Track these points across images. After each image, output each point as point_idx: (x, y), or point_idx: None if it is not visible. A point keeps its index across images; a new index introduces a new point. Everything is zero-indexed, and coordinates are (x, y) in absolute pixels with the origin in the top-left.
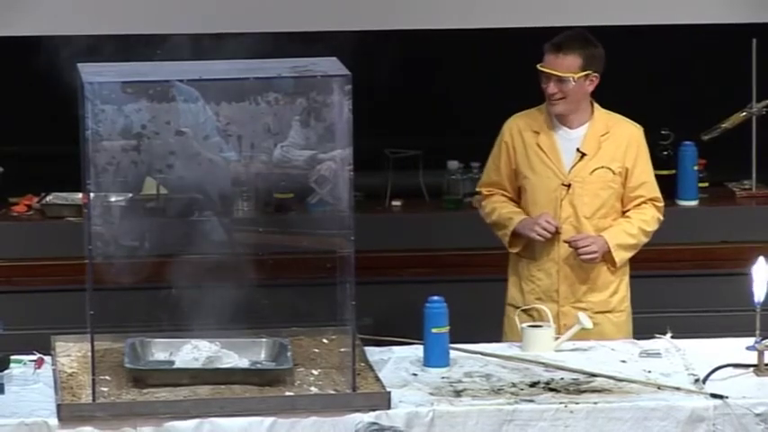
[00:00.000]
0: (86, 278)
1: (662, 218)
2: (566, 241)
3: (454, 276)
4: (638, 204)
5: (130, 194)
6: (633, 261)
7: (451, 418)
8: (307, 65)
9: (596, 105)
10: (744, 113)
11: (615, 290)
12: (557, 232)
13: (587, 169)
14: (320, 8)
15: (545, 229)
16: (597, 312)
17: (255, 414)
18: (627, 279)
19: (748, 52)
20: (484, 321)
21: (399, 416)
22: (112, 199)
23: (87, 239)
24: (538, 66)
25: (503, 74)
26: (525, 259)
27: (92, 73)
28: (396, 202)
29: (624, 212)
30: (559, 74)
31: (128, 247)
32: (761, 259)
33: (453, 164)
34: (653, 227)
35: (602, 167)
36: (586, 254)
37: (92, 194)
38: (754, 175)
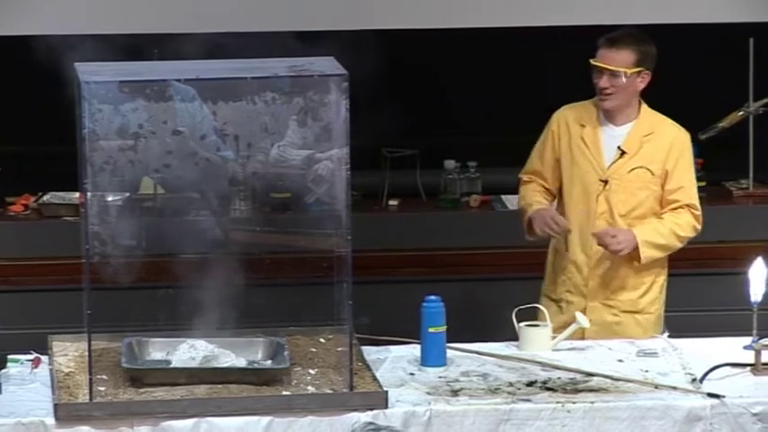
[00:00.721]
0: (83, 278)
1: (699, 227)
2: (593, 234)
3: (451, 276)
4: (675, 209)
5: (127, 194)
6: None
7: (448, 418)
8: (304, 64)
9: (644, 105)
10: (741, 113)
11: (646, 291)
12: (566, 232)
13: (626, 167)
14: (317, 7)
15: (551, 229)
16: (624, 312)
17: (252, 413)
18: (661, 282)
19: (746, 52)
20: (481, 321)
21: (396, 415)
22: (109, 198)
23: (84, 239)
24: (591, 60)
25: (501, 73)
26: (561, 252)
27: (89, 72)
28: (393, 202)
29: (660, 215)
30: (612, 68)
31: (125, 247)
32: (758, 259)
33: (450, 163)
34: (687, 233)
35: (641, 167)
36: (614, 245)
37: (89, 194)
38: (751, 175)
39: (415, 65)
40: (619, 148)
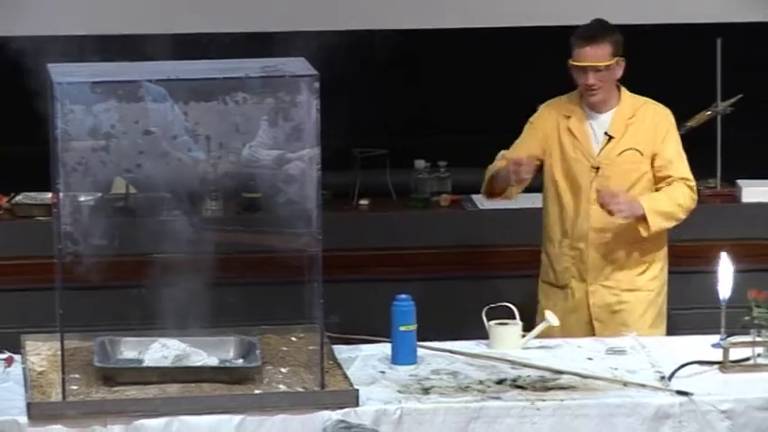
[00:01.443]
0: (56, 277)
1: (695, 197)
2: (597, 190)
3: (422, 275)
4: (670, 183)
5: (100, 194)
6: None
7: (419, 416)
8: (275, 65)
9: (624, 89)
10: (709, 112)
11: (644, 270)
12: (520, 164)
13: (615, 151)
14: (287, 9)
15: (512, 171)
16: (625, 290)
17: (224, 412)
18: (661, 263)
19: (713, 52)
20: (451, 319)
21: (367, 413)
22: (82, 198)
23: (57, 239)
24: (571, 61)
25: (470, 74)
26: (557, 240)
27: (61, 73)
28: (363, 201)
29: (656, 189)
30: (597, 64)
31: (97, 246)
32: (723, 255)
33: (420, 163)
34: (688, 203)
35: (630, 149)
36: (615, 205)
37: (61, 194)
38: (718, 174)
39: (386, 66)
40: (606, 133)
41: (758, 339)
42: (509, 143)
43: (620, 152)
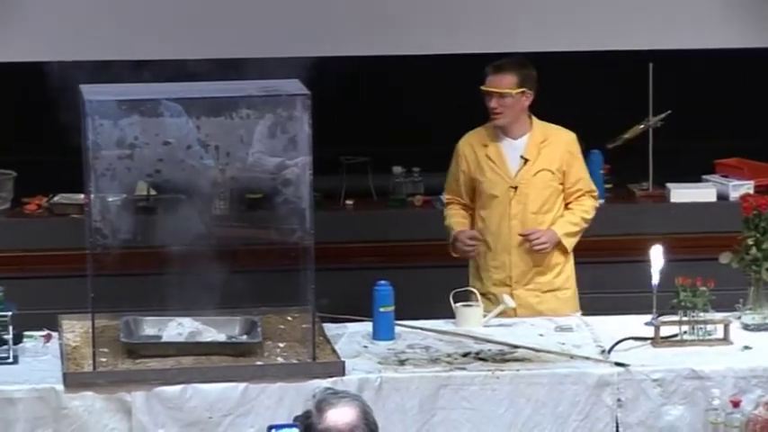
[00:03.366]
0: (87, 266)
1: (597, 205)
2: (520, 234)
3: (399, 263)
4: (578, 197)
5: (125, 195)
6: None
7: (396, 383)
8: (274, 85)
9: (534, 118)
10: (642, 126)
11: (560, 271)
12: (477, 242)
13: (531, 172)
14: (286, 37)
15: (468, 246)
16: (545, 291)
17: (231, 380)
18: (571, 261)
19: (646, 74)
20: (424, 301)
21: (352, 381)
22: (110, 199)
23: (88, 233)
24: (481, 87)
25: (441, 93)
26: (482, 252)
27: (92, 92)
28: (349, 201)
29: (567, 204)
30: (499, 90)
31: (123, 240)
32: (655, 247)
33: (397, 169)
34: (592, 214)
35: (544, 170)
36: (538, 245)
37: (92, 195)
38: (650, 178)
39: (369, 85)
40: (522, 156)
41: (684, 319)
42: None
43: (536, 173)
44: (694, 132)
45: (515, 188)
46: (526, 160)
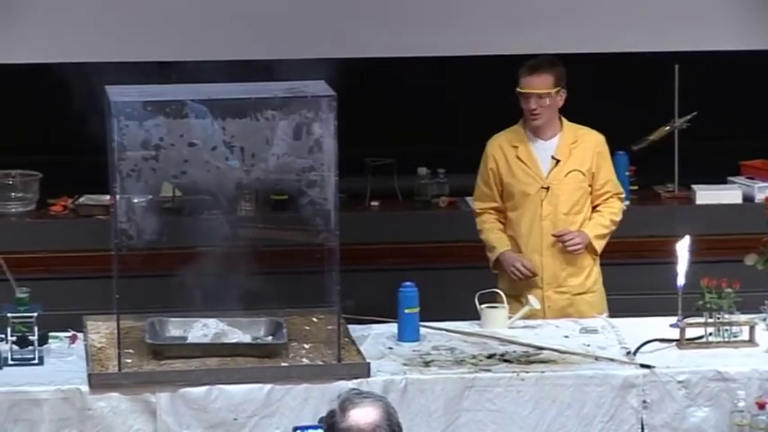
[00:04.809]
0: (113, 267)
1: (624, 207)
2: (554, 235)
3: (424, 265)
4: (606, 199)
5: (150, 196)
6: None
7: (421, 385)
8: (299, 87)
9: (564, 119)
10: (668, 127)
11: (589, 273)
12: (533, 275)
13: (562, 173)
14: (309, 39)
15: (520, 272)
16: (576, 294)
17: (256, 382)
18: (598, 263)
19: (672, 75)
20: (449, 302)
21: (377, 383)
22: (135, 200)
23: (114, 234)
24: (518, 89)
25: (468, 94)
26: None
27: (117, 94)
28: (374, 203)
29: (594, 207)
30: (539, 91)
31: (148, 241)
32: (683, 242)
33: (423, 170)
34: (620, 216)
35: (575, 170)
36: (572, 246)
37: (117, 196)
38: (676, 179)
39: (395, 87)
40: (553, 157)
41: (709, 321)
42: None
43: (567, 173)
44: (720, 134)
45: (547, 189)
46: (557, 161)
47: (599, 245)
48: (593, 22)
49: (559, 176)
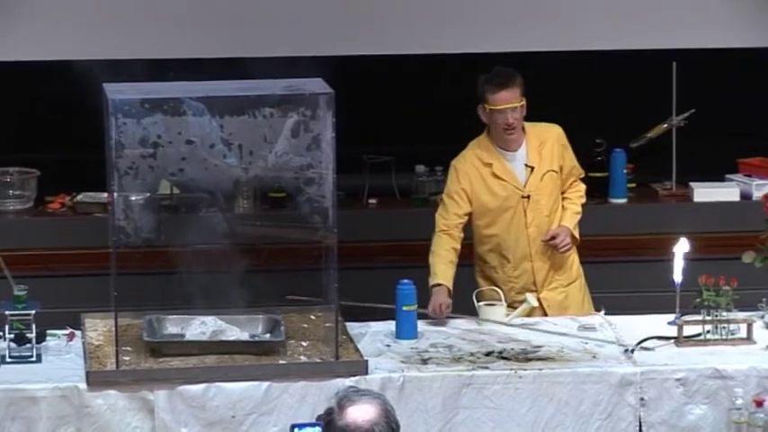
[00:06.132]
0: (110, 265)
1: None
2: (543, 241)
3: (422, 263)
4: (571, 183)
5: (148, 194)
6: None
7: (419, 383)
8: (297, 84)
9: (523, 122)
10: (666, 125)
11: (571, 262)
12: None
13: (538, 178)
14: (307, 36)
15: (435, 311)
16: (567, 285)
17: (254, 379)
18: (574, 249)
19: (670, 73)
20: None
21: (375, 380)
22: (132, 198)
23: (111, 232)
24: (493, 106)
25: (465, 92)
26: (498, 266)
27: (115, 91)
28: (372, 200)
29: (563, 193)
30: (513, 105)
31: (146, 239)
32: (678, 247)
33: (420, 168)
34: (584, 198)
35: (548, 171)
36: (564, 247)
37: (115, 194)
38: (674, 177)
39: (392, 84)
40: (526, 165)
41: (707, 318)
42: None
43: (542, 176)
44: (718, 131)
45: (527, 197)
46: (532, 168)
47: (577, 232)
48: (591, 20)
49: (536, 182)
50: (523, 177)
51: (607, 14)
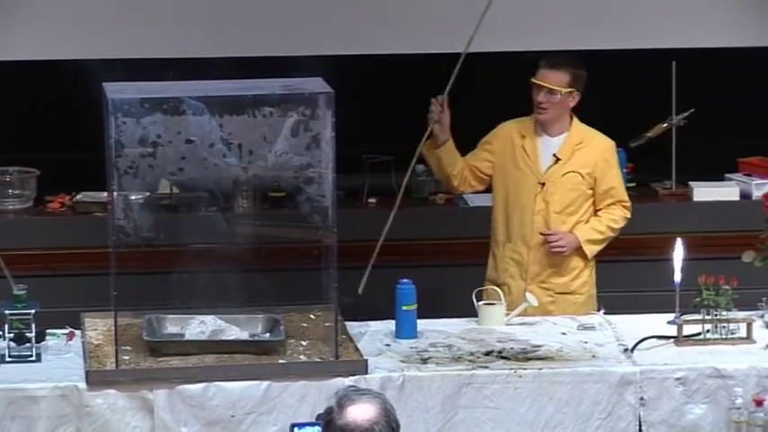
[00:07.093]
0: (110, 264)
1: (629, 216)
2: (541, 233)
3: (421, 262)
4: (608, 205)
5: (148, 193)
6: None
7: (419, 382)
8: (296, 84)
9: (575, 119)
10: (665, 124)
11: (577, 275)
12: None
13: (560, 172)
14: (307, 35)
15: (435, 108)
16: (559, 293)
17: (253, 379)
18: (591, 267)
19: (669, 72)
20: (446, 300)
21: (375, 380)
22: (132, 197)
23: (111, 231)
24: (534, 80)
25: (465, 91)
26: (502, 242)
27: (115, 90)
28: (371, 200)
29: (596, 211)
30: (550, 86)
31: (145, 238)
32: (677, 246)
33: (420, 167)
34: (620, 224)
35: (573, 171)
36: (556, 247)
37: (115, 193)
38: (673, 176)
39: (392, 84)
40: (554, 155)
41: (707, 318)
42: None
43: (565, 173)
44: (717, 131)
45: (543, 184)
46: (558, 159)
47: (590, 249)
48: (590, 20)
49: (557, 175)
50: (546, 164)
51: (606, 14)
